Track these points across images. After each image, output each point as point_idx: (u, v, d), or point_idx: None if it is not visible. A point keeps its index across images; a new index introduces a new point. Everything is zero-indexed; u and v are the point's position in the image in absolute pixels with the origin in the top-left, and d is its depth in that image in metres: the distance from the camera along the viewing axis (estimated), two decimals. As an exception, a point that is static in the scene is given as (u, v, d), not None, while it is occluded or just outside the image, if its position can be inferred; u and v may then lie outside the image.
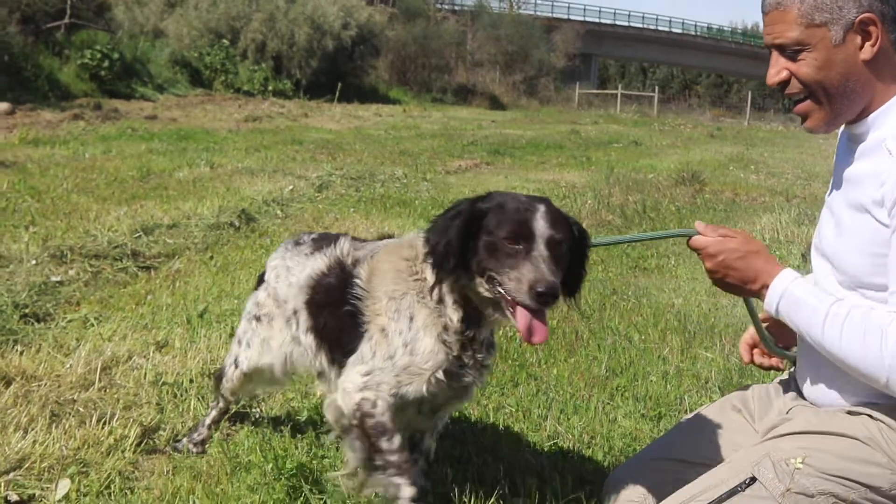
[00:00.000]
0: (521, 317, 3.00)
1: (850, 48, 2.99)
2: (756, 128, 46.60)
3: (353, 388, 3.29)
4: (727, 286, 3.23)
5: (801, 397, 3.43)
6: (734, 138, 33.55)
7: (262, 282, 4.06)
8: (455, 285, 3.20)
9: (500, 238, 3.02)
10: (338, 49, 43.79)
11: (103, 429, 4.37)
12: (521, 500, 3.79)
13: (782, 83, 3.10)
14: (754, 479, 3.12)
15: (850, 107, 3.07)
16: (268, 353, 3.97)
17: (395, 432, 3.28)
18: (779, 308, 3.09)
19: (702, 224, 3.25)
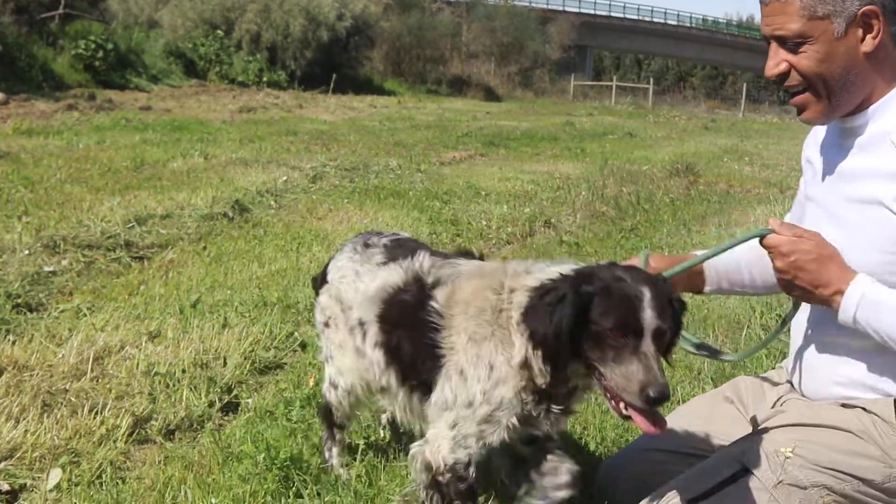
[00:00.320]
0: (637, 416, 2.81)
1: (852, 41, 2.98)
2: (751, 120, 46.53)
3: (446, 447, 3.11)
4: (794, 289, 3.07)
5: (794, 390, 3.43)
6: (729, 130, 33.52)
7: (321, 285, 3.78)
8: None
9: (605, 329, 2.79)
10: (333, 40, 43.75)
11: (95, 419, 4.37)
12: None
13: (781, 75, 3.08)
14: (747, 471, 3.12)
15: (849, 99, 3.06)
16: (350, 353, 3.63)
17: (477, 497, 3.18)
18: (857, 315, 2.95)
19: (776, 222, 3.11)
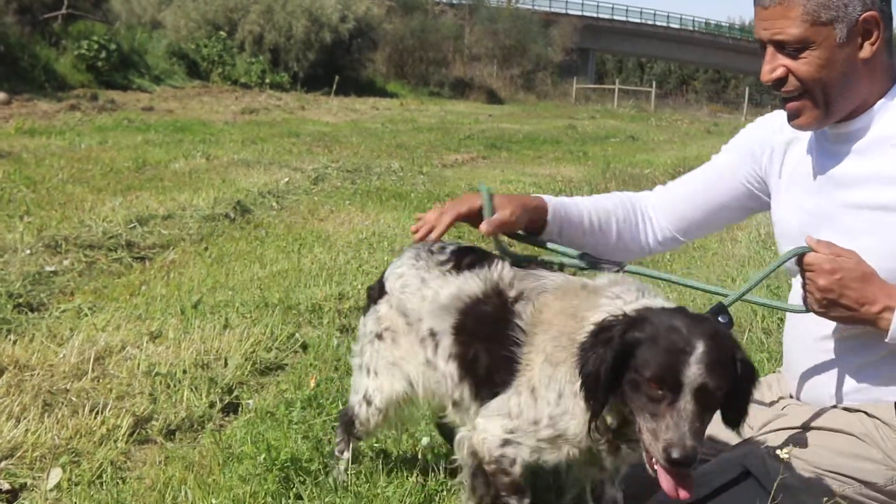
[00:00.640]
0: (662, 475, 2.66)
1: (852, 47, 2.95)
2: (753, 123, 46.45)
3: (495, 441, 3.04)
4: (836, 307, 2.93)
5: (793, 395, 3.42)
6: (731, 133, 32.22)
7: (380, 294, 3.55)
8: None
9: (644, 379, 2.66)
10: (335, 42, 43.72)
11: (96, 418, 4.36)
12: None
13: (778, 81, 3.05)
14: (748, 474, 3.11)
15: (844, 105, 3.03)
16: (401, 377, 3.47)
17: (526, 491, 3.07)
18: None
19: (813, 240, 2.98)
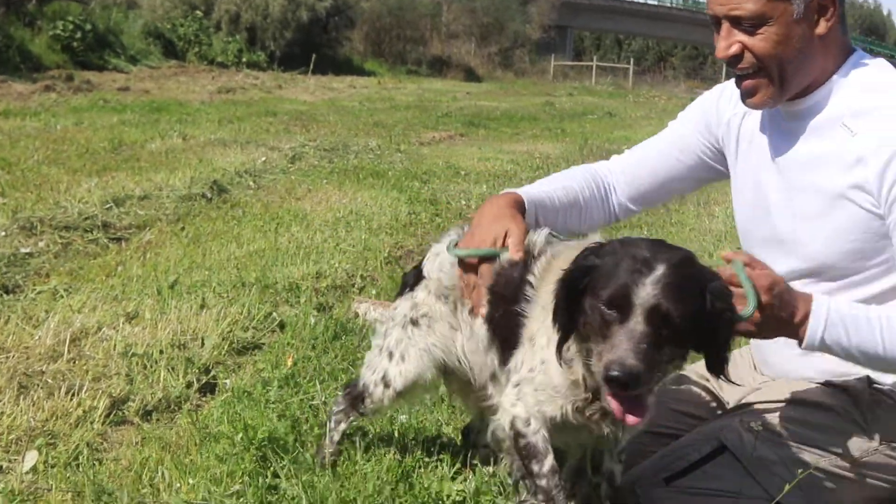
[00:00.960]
0: (611, 399, 2.63)
1: (809, 23, 2.93)
2: (731, 100, 46.53)
3: (508, 403, 3.02)
4: (773, 323, 2.76)
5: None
6: None
7: (416, 281, 3.54)
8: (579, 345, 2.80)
9: (598, 301, 2.61)
10: (312, 20, 43.54)
11: (72, 400, 4.34)
12: (491, 467, 3.79)
13: (734, 57, 3.03)
14: (724, 448, 3.13)
15: (799, 82, 3.01)
16: (431, 364, 3.47)
17: (546, 455, 2.99)
18: (825, 335, 2.77)
19: (743, 255, 2.79)
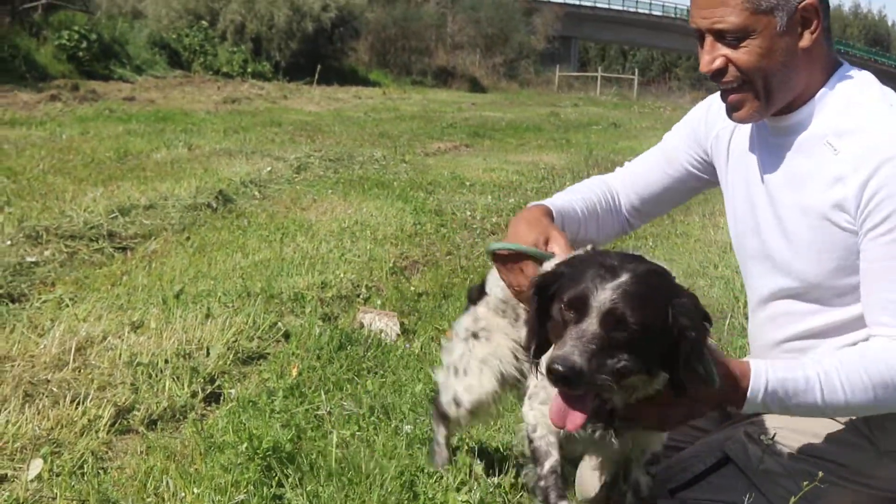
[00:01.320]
0: (553, 400, 2.65)
1: (792, 36, 2.90)
2: (735, 111, 46.55)
3: (523, 413, 3.07)
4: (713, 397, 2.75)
5: None
6: None
7: (479, 296, 3.55)
8: None
9: (561, 304, 2.63)
10: (317, 31, 43.71)
11: (77, 409, 4.34)
12: (496, 478, 3.78)
13: (718, 71, 3.00)
14: (728, 459, 3.12)
15: (784, 96, 2.98)
16: (490, 375, 3.47)
17: (547, 457, 2.98)
18: (765, 401, 2.75)
19: None
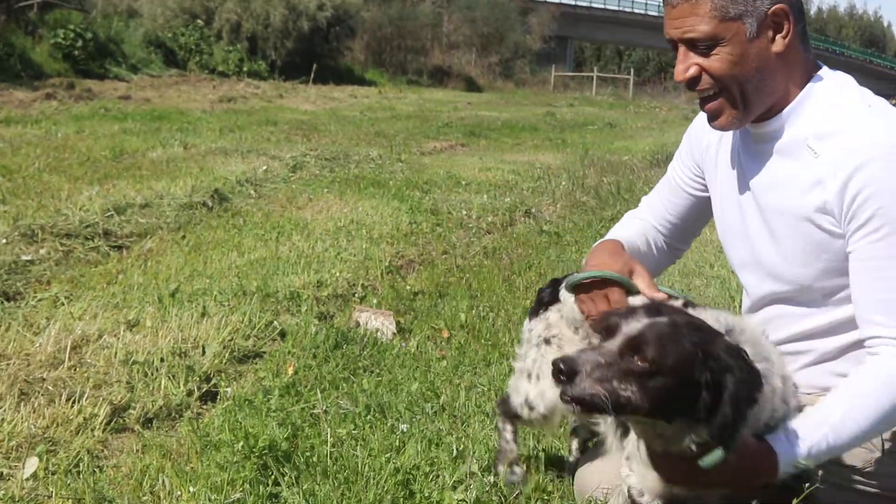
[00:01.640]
0: None
1: (764, 41, 2.90)
2: (731, 111, 46.63)
3: (623, 473, 2.95)
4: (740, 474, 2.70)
5: None
6: None
7: (551, 300, 3.53)
8: None
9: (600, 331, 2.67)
10: (313, 30, 43.68)
11: (72, 407, 4.33)
12: (492, 477, 3.78)
13: (692, 80, 3.00)
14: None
15: (762, 102, 2.99)
16: None
17: None
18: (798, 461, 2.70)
19: None
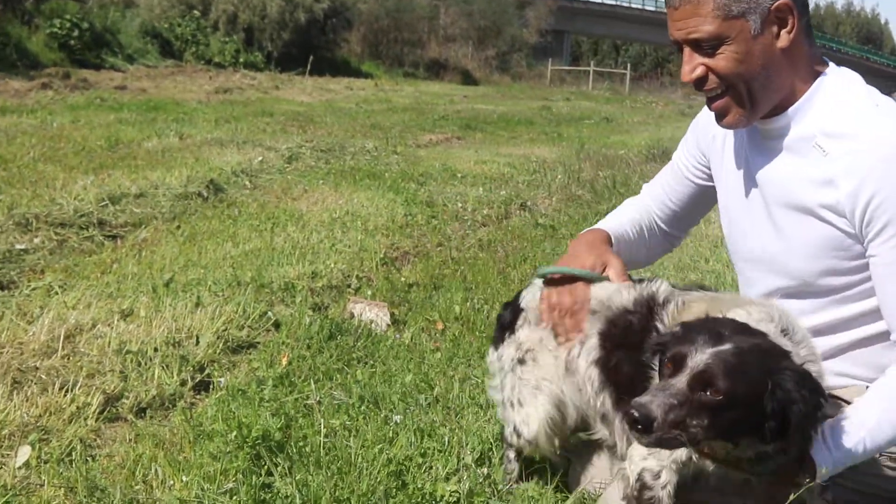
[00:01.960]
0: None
1: (768, 38, 2.92)
2: (727, 106, 46.65)
3: (639, 456, 2.97)
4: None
5: None
6: None
7: (514, 317, 3.55)
8: None
9: (665, 360, 2.70)
10: (310, 21, 43.55)
11: (65, 396, 4.33)
12: (485, 468, 3.78)
13: (699, 80, 3.02)
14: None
15: (769, 99, 3.00)
16: (545, 400, 3.41)
17: None
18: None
19: None
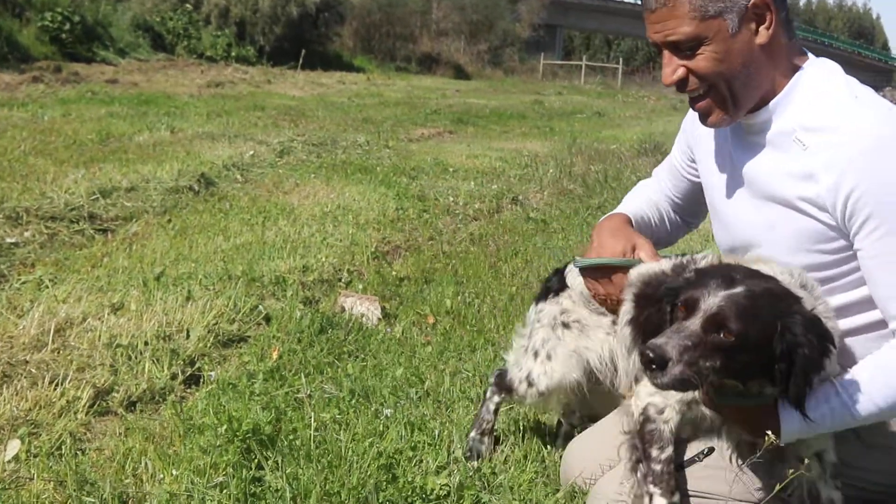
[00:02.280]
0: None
1: (747, 35, 2.89)
2: (719, 101, 46.69)
3: (646, 393, 3.04)
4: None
5: None
6: None
7: (559, 288, 3.65)
8: None
9: (678, 304, 2.74)
10: (302, 16, 43.51)
11: (55, 390, 4.33)
12: (475, 461, 3.79)
13: (680, 81, 2.99)
14: (712, 448, 3.12)
15: (751, 96, 2.98)
16: (578, 366, 3.55)
17: (668, 444, 3.02)
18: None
19: None
